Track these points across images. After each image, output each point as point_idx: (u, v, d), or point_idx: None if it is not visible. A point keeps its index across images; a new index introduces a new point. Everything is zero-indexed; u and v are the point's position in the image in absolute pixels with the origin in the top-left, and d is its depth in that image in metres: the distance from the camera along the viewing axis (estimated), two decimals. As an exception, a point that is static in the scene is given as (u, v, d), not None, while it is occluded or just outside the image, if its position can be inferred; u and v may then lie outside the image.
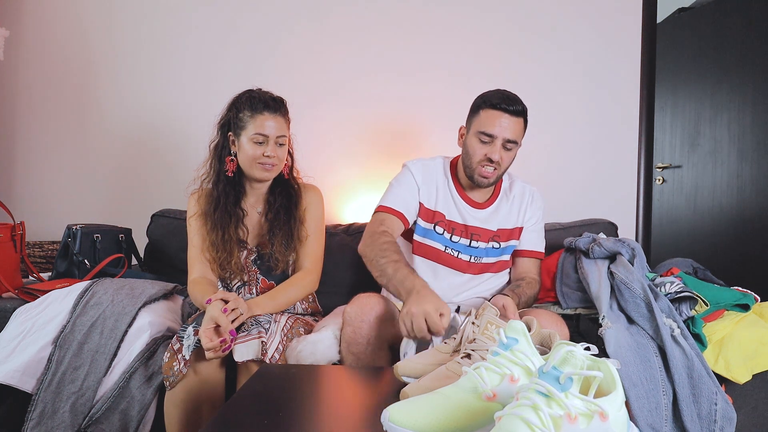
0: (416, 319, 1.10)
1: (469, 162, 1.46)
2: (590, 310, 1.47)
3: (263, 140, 1.46)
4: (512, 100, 1.43)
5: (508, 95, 1.44)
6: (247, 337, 1.27)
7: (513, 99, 1.44)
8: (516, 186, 1.60)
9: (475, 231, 1.52)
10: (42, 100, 2.34)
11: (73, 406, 1.33)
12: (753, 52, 2.55)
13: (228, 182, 1.52)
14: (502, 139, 1.42)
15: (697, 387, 1.13)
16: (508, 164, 1.48)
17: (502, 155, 1.43)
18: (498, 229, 1.54)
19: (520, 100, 1.45)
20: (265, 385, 0.99)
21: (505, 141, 1.42)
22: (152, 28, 2.29)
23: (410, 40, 2.20)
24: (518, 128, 1.44)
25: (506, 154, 1.45)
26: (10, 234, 1.64)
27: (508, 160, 1.47)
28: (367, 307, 1.27)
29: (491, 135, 1.42)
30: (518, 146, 1.47)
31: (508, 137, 1.42)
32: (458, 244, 1.52)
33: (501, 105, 1.41)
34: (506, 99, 1.43)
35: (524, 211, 1.57)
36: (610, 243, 1.49)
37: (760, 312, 1.37)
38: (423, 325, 1.10)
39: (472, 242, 1.52)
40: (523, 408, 0.58)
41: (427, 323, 1.10)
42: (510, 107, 1.41)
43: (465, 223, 1.52)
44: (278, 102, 1.51)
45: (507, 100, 1.42)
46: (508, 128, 1.42)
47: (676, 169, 2.91)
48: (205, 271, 1.51)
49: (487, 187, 1.51)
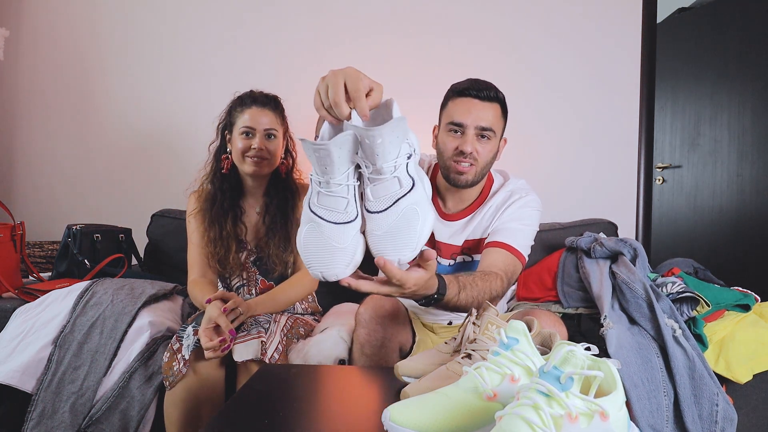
0: (334, 80, 0.79)
1: (442, 160, 1.32)
2: (591, 310, 1.46)
3: (251, 132, 1.48)
4: (482, 85, 1.28)
5: (477, 81, 1.29)
6: (246, 337, 1.27)
7: (483, 84, 1.28)
8: (501, 193, 1.38)
9: (439, 246, 1.38)
10: (42, 100, 2.34)
11: (73, 406, 1.33)
12: (753, 52, 2.55)
13: (225, 180, 1.53)
14: (474, 127, 1.26)
15: (698, 388, 1.13)
16: (488, 159, 1.30)
17: (476, 147, 1.27)
18: (465, 242, 1.37)
19: (492, 86, 1.29)
20: (265, 385, 0.98)
21: (478, 129, 1.26)
22: (152, 28, 2.29)
23: (410, 39, 2.20)
24: (492, 114, 1.27)
25: (482, 146, 1.28)
26: (10, 234, 1.63)
27: (485, 153, 1.29)
28: (381, 309, 1.25)
29: (460, 124, 1.27)
30: (497, 137, 1.30)
31: (480, 125, 1.26)
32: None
33: (469, 91, 1.27)
34: (475, 84, 1.27)
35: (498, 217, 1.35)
36: (611, 243, 1.49)
37: (760, 312, 1.37)
38: (341, 90, 0.78)
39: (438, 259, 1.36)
40: (524, 408, 0.58)
41: (346, 90, 0.79)
42: (479, 93, 1.26)
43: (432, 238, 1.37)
44: (268, 98, 1.53)
45: (476, 86, 1.27)
46: (479, 115, 1.26)
47: (676, 169, 2.91)
48: (205, 270, 1.51)
49: (465, 187, 1.33)
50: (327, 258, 0.82)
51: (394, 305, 1.28)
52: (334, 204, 0.82)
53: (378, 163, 0.79)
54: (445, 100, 1.36)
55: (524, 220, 1.33)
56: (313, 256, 0.83)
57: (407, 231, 0.82)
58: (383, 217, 0.82)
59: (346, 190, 0.82)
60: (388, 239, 0.82)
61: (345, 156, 0.80)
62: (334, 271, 0.83)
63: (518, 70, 2.16)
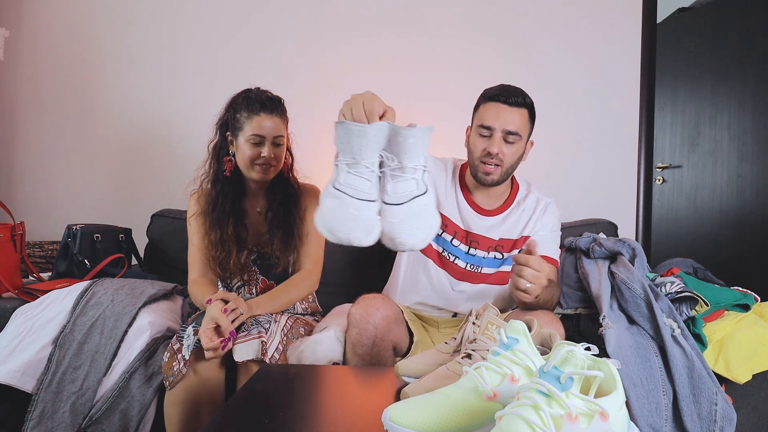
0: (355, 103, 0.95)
1: (472, 159, 1.43)
2: (591, 310, 1.46)
3: (260, 141, 1.46)
4: (512, 91, 1.38)
5: (507, 87, 1.40)
6: (247, 337, 1.27)
7: (513, 91, 1.39)
8: (530, 197, 1.52)
9: (474, 238, 1.48)
10: (42, 100, 2.34)
11: (73, 406, 1.33)
12: (753, 51, 2.55)
13: (226, 182, 1.52)
14: (501, 130, 1.36)
15: (697, 387, 1.13)
16: (513, 160, 1.42)
17: (502, 149, 1.37)
18: (500, 239, 1.48)
19: (522, 92, 1.40)
20: (265, 385, 0.99)
21: (505, 133, 1.37)
22: (152, 28, 2.29)
23: (411, 39, 2.20)
24: (519, 120, 1.38)
25: (508, 148, 1.38)
26: (10, 234, 1.63)
27: (511, 155, 1.40)
28: (373, 308, 1.26)
29: (489, 127, 1.37)
30: (522, 140, 1.40)
31: (507, 129, 1.36)
32: (457, 249, 1.48)
33: (499, 97, 1.37)
34: (505, 91, 1.38)
35: (534, 223, 1.49)
36: (610, 243, 1.49)
37: (760, 312, 1.37)
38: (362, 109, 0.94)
39: (471, 249, 1.48)
40: (524, 408, 0.58)
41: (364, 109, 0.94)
42: (509, 99, 1.37)
43: (467, 229, 1.48)
44: (275, 102, 1.50)
45: (505, 92, 1.38)
46: (507, 119, 1.36)
47: (676, 169, 2.91)
48: (206, 271, 1.51)
49: (491, 186, 1.44)
50: (350, 225, 0.93)
51: (387, 305, 1.28)
52: (359, 184, 0.93)
53: (405, 161, 0.91)
54: (477, 103, 1.46)
55: (555, 230, 1.52)
56: (337, 224, 0.93)
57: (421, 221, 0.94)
58: (400, 208, 0.94)
59: (371, 175, 0.93)
60: (405, 225, 0.94)
61: (376, 143, 0.92)
62: (356, 235, 0.93)
63: (518, 70, 2.16)
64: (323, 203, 0.95)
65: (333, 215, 0.94)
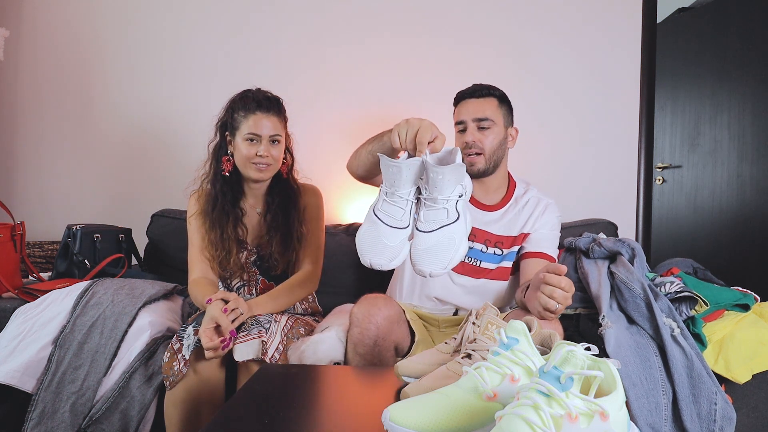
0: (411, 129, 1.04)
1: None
2: (590, 310, 1.46)
3: (256, 139, 1.47)
4: (477, 87, 1.48)
5: (474, 85, 1.49)
6: (247, 337, 1.27)
7: (478, 86, 1.48)
8: (529, 195, 1.55)
9: (473, 231, 1.49)
10: (42, 100, 2.34)
11: (73, 406, 1.33)
12: (753, 51, 2.55)
13: (225, 182, 1.52)
14: (471, 120, 1.44)
15: (696, 387, 1.13)
16: (494, 146, 1.46)
17: (477, 136, 1.44)
18: (500, 235, 1.50)
19: (487, 85, 1.48)
20: (265, 385, 0.99)
21: (475, 121, 1.44)
22: (152, 28, 2.29)
23: (412, 38, 2.20)
24: (487, 106, 1.45)
25: (483, 135, 1.45)
26: (10, 234, 1.63)
27: (489, 141, 1.45)
28: (375, 308, 1.26)
29: (461, 121, 1.47)
30: (498, 126, 1.46)
31: (475, 116, 1.44)
32: None
33: (464, 94, 1.48)
34: (470, 88, 1.48)
35: (534, 221, 1.51)
36: (610, 243, 1.49)
37: (760, 312, 1.37)
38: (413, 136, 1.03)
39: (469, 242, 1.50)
40: (524, 408, 0.58)
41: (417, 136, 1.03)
42: (474, 93, 1.46)
43: None
44: (272, 101, 1.51)
45: (470, 89, 1.48)
46: (475, 109, 1.45)
47: (676, 169, 2.91)
48: (206, 270, 1.51)
49: (480, 176, 1.48)
50: (377, 250, 1.03)
51: (389, 305, 1.29)
52: (393, 212, 1.04)
53: (434, 193, 1.01)
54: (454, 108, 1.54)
55: (555, 229, 1.53)
56: (367, 247, 1.03)
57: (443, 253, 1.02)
58: (428, 237, 1.03)
59: (405, 204, 1.04)
60: (426, 255, 1.02)
61: (410, 177, 1.02)
62: (379, 261, 1.03)
63: (518, 70, 2.17)
64: (362, 225, 1.06)
65: (365, 239, 1.04)
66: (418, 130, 1.03)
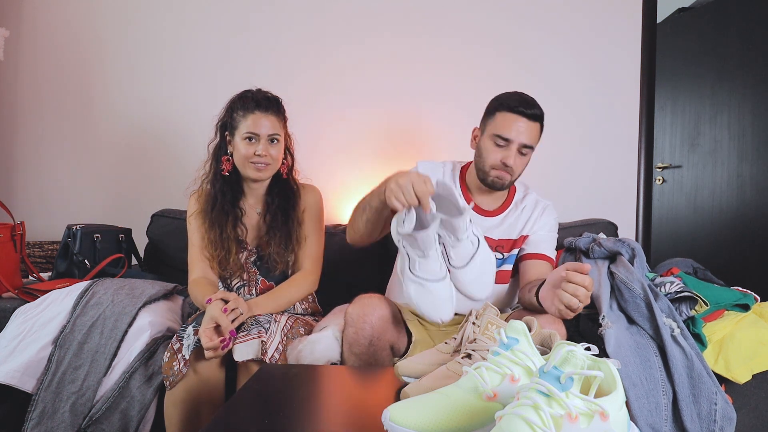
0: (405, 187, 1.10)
1: (483, 165, 1.43)
2: (590, 310, 1.46)
3: (254, 138, 1.47)
4: (530, 103, 1.39)
5: (525, 98, 1.40)
6: (247, 337, 1.27)
7: (531, 102, 1.39)
8: (529, 198, 1.54)
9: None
10: (42, 100, 2.34)
11: (73, 406, 1.33)
12: (753, 51, 2.55)
13: (225, 182, 1.53)
14: (518, 143, 1.37)
15: (696, 387, 1.13)
16: (522, 169, 1.45)
17: (517, 162, 1.39)
18: (500, 239, 1.49)
19: (537, 104, 1.40)
20: (265, 385, 0.99)
21: (521, 146, 1.38)
22: (152, 28, 2.29)
23: (412, 39, 2.20)
24: (534, 133, 1.40)
25: (521, 160, 1.41)
26: (10, 234, 1.64)
27: (521, 166, 1.43)
28: (369, 308, 1.26)
29: (507, 139, 1.37)
30: (533, 151, 1.44)
31: (524, 142, 1.38)
32: None
33: (518, 108, 1.37)
34: (524, 102, 1.38)
35: (533, 222, 1.50)
36: (610, 243, 1.49)
37: (760, 312, 1.37)
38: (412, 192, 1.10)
39: None
40: (524, 407, 0.58)
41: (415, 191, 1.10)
42: (528, 111, 1.37)
43: None
44: (271, 101, 1.51)
45: (525, 104, 1.38)
46: (525, 132, 1.37)
47: (676, 169, 2.91)
48: (206, 270, 1.51)
49: (498, 190, 1.46)
50: (441, 307, 1.18)
51: (383, 305, 1.28)
52: (432, 267, 1.16)
53: (459, 236, 1.16)
54: (492, 109, 1.43)
55: (553, 231, 1.53)
56: (431, 308, 1.17)
57: (487, 276, 1.24)
58: (467, 270, 1.20)
59: (437, 256, 1.16)
60: (476, 284, 1.21)
61: (436, 236, 1.15)
62: (449, 315, 1.19)
63: (518, 70, 2.17)
64: (408, 288, 1.17)
65: (423, 301, 1.17)
66: (412, 186, 1.09)
